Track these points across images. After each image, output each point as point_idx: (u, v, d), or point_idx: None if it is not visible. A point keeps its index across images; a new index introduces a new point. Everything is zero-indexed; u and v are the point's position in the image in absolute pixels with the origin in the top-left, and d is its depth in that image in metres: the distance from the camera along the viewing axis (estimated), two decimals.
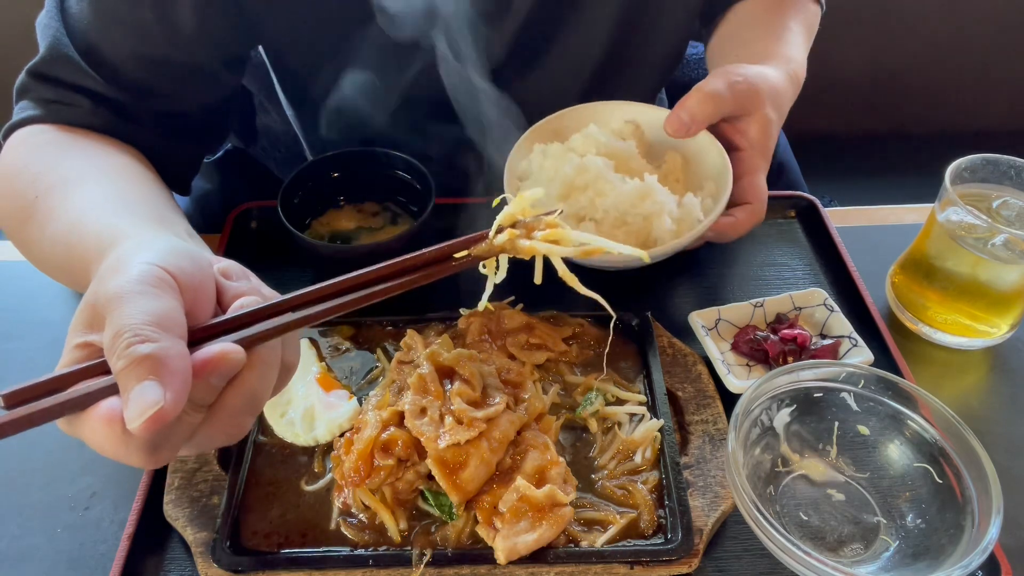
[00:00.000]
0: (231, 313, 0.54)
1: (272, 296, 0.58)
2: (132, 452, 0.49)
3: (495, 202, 0.67)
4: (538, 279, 0.66)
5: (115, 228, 0.66)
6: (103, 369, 0.50)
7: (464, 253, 0.63)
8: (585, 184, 0.89)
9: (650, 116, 1.00)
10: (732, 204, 0.90)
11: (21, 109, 0.88)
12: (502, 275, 0.66)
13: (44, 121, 0.86)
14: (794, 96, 1.00)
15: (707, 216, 0.89)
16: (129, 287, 0.50)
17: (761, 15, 1.10)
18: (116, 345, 0.48)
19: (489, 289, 0.68)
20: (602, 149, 0.93)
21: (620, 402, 0.83)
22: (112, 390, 0.48)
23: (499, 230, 0.63)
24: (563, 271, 0.65)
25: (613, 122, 1.00)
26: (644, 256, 0.65)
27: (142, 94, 0.90)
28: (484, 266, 0.65)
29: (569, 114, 1.00)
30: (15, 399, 0.48)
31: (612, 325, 0.91)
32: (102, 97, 0.88)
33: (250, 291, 0.57)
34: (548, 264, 0.65)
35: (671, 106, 1.38)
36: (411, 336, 0.84)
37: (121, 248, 0.60)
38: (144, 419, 0.45)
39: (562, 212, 0.66)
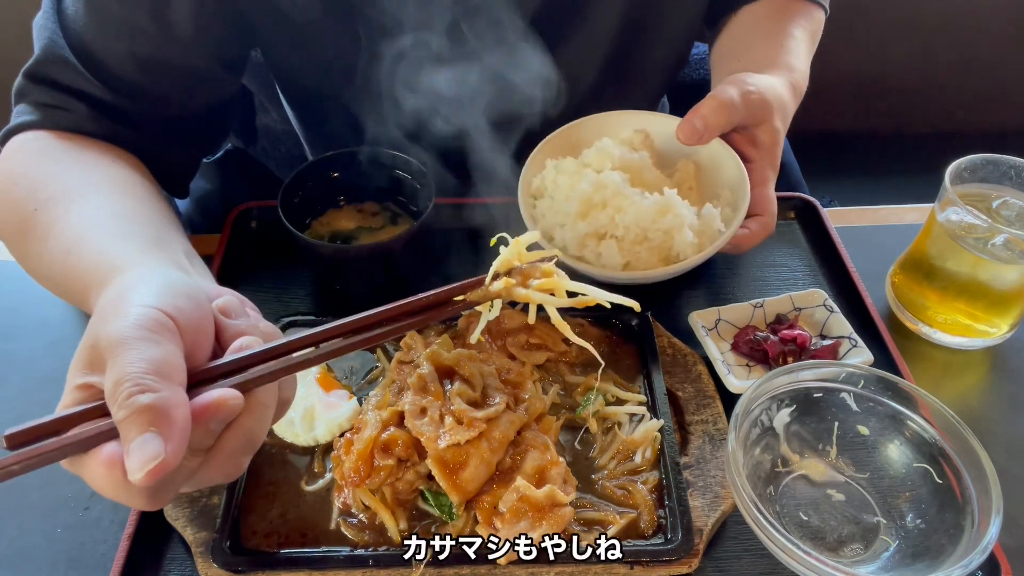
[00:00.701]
0: (230, 355, 0.55)
1: (268, 330, 0.59)
2: (133, 496, 0.51)
3: (492, 242, 0.69)
4: (531, 320, 0.69)
5: (113, 256, 0.66)
6: (104, 411, 0.51)
7: (460, 298, 0.64)
8: (603, 201, 0.88)
9: (660, 124, 0.99)
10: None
11: (18, 113, 0.88)
12: (495, 312, 0.69)
13: (40, 127, 0.86)
14: (796, 106, 1.00)
15: (726, 226, 0.89)
16: (129, 332, 0.51)
17: (765, 21, 1.10)
18: (117, 393, 0.48)
19: (482, 324, 0.71)
20: (616, 163, 0.93)
21: (620, 402, 0.83)
22: (113, 434, 0.49)
23: (495, 276, 0.65)
24: (556, 319, 0.68)
25: (623, 132, 0.99)
26: (635, 306, 0.67)
27: (138, 97, 0.90)
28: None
29: (579, 126, 1.00)
30: (18, 440, 0.49)
31: (603, 321, 0.91)
32: (98, 100, 0.88)
33: (249, 329, 0.57)
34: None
35: (673, 108, 1.39)
36: (411, 336, 0.84)
37: (120, 281, 0.60)
38: (146, 471, 0.47)
39: (556, 259, 0.67)
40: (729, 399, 0.82)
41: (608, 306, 0.67)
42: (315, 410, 0.80)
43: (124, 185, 0.83)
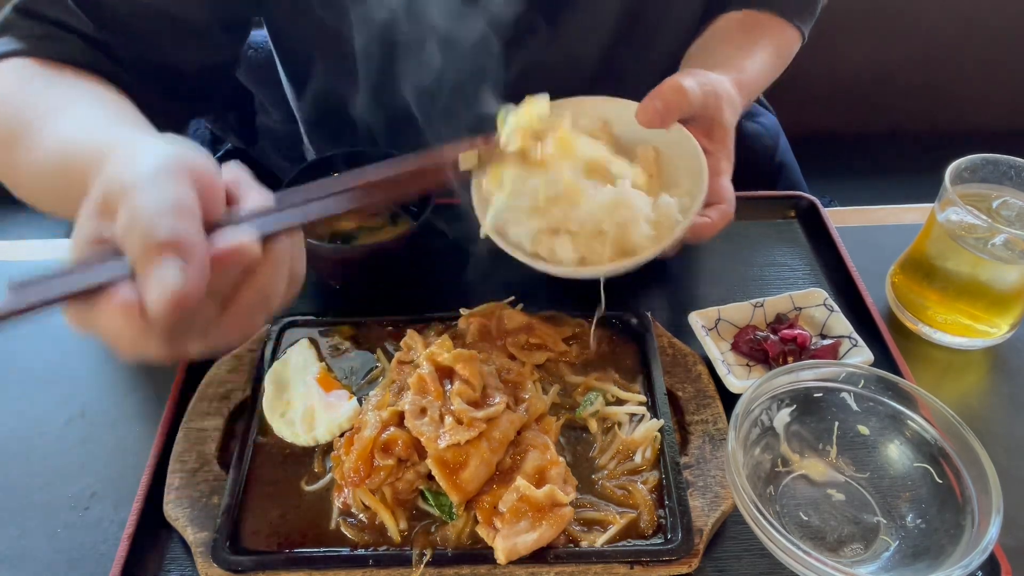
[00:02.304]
0: (242, 214, 0.53)
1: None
2: (150, 340, 0.48)
3: (499, 115, 0.66)
4: (537, 156, 0.67)
5: (116, 138, 0.65)
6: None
7: (472, 153, 0.61)
8: (556, 196, 0.84)
9: (619, 109, 0.94)
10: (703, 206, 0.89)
11: (4, 44, 0.85)
12: (505, 196, 0.65)
13: (29, 55, 0.84)
14: (744, 104, 0.99)
15: (684, 216, 0.87)
16: (144, 175, 0.49)
17: (735, 30, 1.10)
18: (132, 229, 0.46)
19: (496, 206, 0.66)
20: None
21: (620, 402, 0.83)
22: (125, 278, 0.47)
23: (507, 136, 0.63)
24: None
25: (582, 119, 0.96)
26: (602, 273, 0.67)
27: (132, 40, 0.88)
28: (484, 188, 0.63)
29: None
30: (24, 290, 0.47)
31: (603, 321, 0.91)
32: (89, 37, 0.86)
33: (259, 197, 0.56)
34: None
35: None
36: (411, 336, 0.84)
37: (127, 149, 0.58)
38: (165, 299, 0.44)
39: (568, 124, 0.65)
40: (729, 399, 0.82)
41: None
42: (315, 410, 0.80)
43: (116, 101, 0.81)
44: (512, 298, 0.92)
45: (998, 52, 2.25)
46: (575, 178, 0.85)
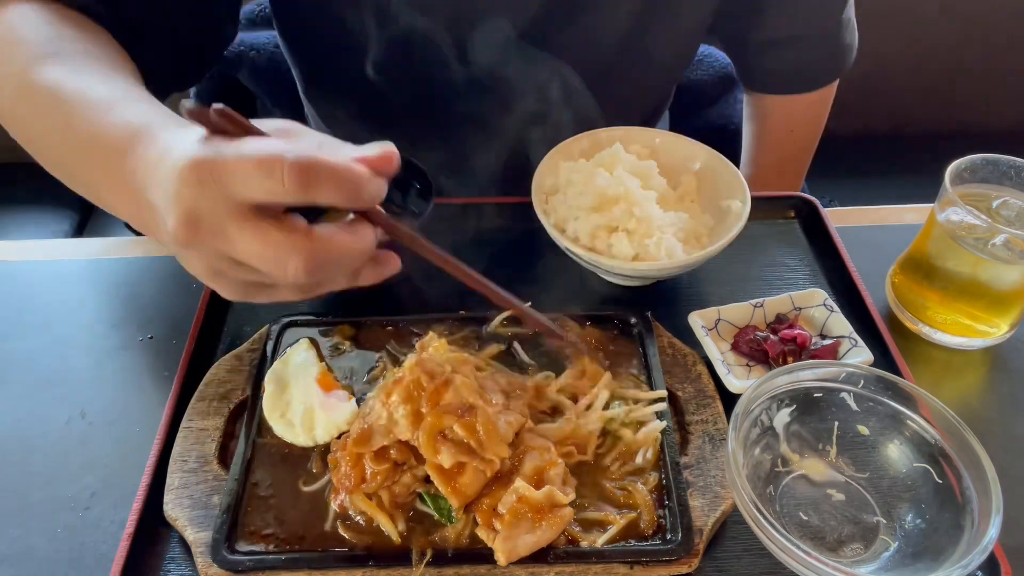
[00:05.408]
0: None
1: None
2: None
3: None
4: None
5: (157, 117, 0.64)
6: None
7: None
8: (617, 197, 0.92)
9: (666, 141, 1.04)
10: None
11: None
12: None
13: None
14: None
15: (723, 236, 0.92)
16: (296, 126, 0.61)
17: (792, 143, 1.23)
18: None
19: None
20: (627, 167, 0.97)
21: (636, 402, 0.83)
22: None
23: None
24: None
25: (632, 146, 1.03)
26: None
27: None
28: None
29: (590, 136, 1.04)
30: None
31: (603, 320, 0.91)
32: None
33: None
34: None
35: (675, 105, 1.39)
36: (431, 338, 0.83)
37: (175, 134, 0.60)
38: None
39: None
40: (729, 399, 0.82)
41: None
42: (315, 410, 0.80)
43: (132, 73, 0.80)
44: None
45: (998, 52, 2.25)
46: (635, 188, 0.94)
